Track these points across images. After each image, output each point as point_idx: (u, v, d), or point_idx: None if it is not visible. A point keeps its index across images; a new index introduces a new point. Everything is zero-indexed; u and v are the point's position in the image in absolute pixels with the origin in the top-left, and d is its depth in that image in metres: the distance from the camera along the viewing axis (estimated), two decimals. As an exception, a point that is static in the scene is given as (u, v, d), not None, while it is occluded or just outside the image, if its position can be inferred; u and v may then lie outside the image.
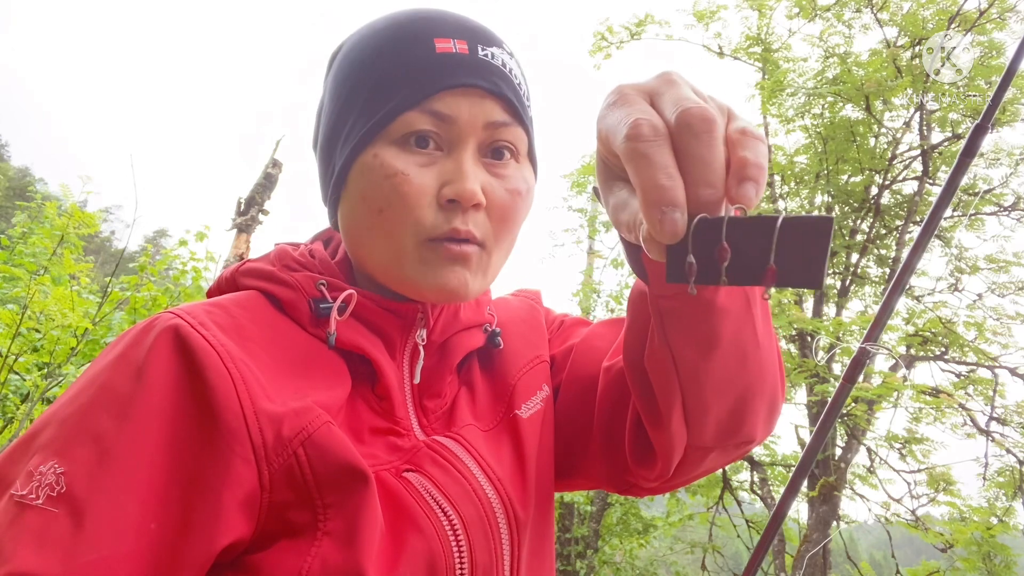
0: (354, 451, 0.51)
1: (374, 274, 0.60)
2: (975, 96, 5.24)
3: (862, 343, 0.66)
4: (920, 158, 5.86)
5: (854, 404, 4.97)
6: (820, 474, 5.55)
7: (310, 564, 0.47)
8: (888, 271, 6.32)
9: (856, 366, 0.69)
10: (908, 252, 0.64)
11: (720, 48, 6.56)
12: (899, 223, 6.16)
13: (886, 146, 6.12)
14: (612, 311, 7.13)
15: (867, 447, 5.52)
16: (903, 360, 5.51)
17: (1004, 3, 4.89)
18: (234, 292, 0.61)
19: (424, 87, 0.55)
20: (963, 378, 5.31)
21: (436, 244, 0.56)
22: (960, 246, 6.08)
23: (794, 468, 0.70)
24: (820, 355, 5.87)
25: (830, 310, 6.33)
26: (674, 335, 0.51)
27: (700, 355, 0.51)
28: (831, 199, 6.43)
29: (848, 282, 6.29)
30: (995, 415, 4.96)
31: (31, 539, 0.41)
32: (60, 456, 0.44)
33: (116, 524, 0.43)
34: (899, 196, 6.44)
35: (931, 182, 5.78)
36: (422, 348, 0.61)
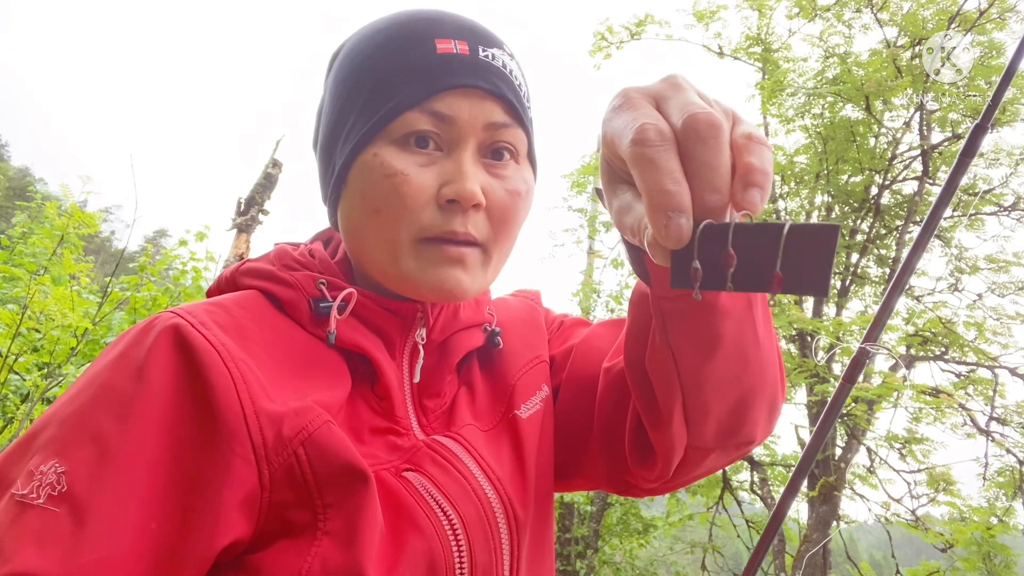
0: (354, 451, 0.51)
1: (372, 273, 0.60)
2: (975, 96, 5.24)
3: (862, 343, 0.66)
4: (920, 158, 5.86)
5: (854, 404, 4.96)
6: (820, 474, 5.55)
7: (310, 564, 0.47)
8: (888, 271, 6.32)
9: (856, 366, 0.69)
10: (908, 252, 0.64)
11: (720, 48, 6.56)
12: (899, 223, 6.16)
13: (886, 146, 6.12)
14: (612, 311, 7.12)
15: (867, 447, 5.52)
16: (903, 360, 5.51)
17: (1004, 3, 4.89)
18: (234, 292, 0.61)
19: (425, 87, 0.55)
20: (963, 378, 5.31)
21: (433, 244, 0.56)
22: (960, 246, 6.09)
23: (794, 468, 0.70)
24: (820, 355, 5.87)
25: (830, 310, 6.34)
26: (676, 336, 0.51)
27: (702, 356, 0.52)
28: (831, 199, 6.43)
29: (848, 282, 6.29)
30: (995, 415, 4.96)
31: (32, 539, 0.41)
32: (61, 456, 0.44)
33: (117, 523, 0.43)
34: (899, 196, 6.44)
35: (931, 182, 5.78)
36: (422, 347, 0.62)
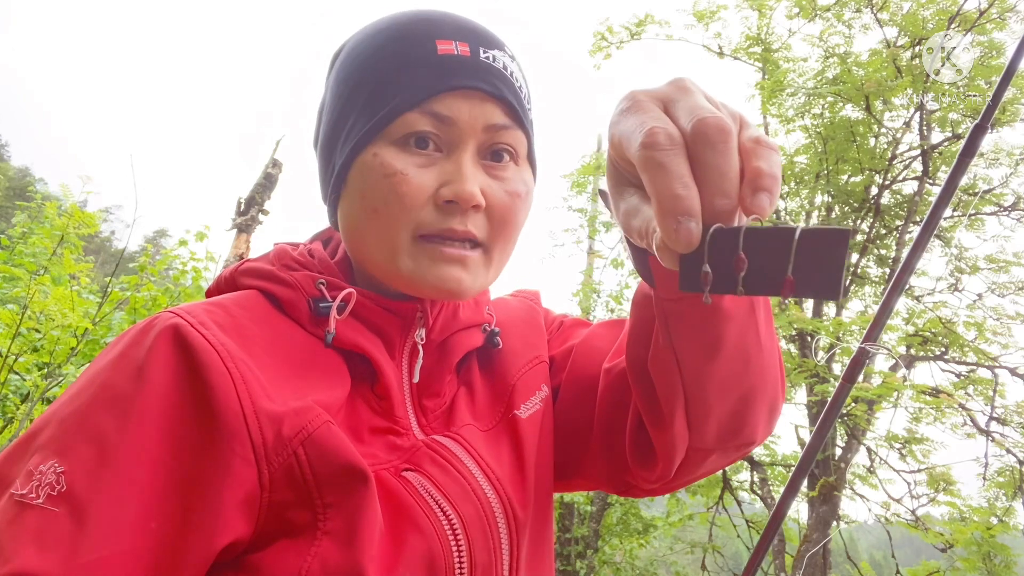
0: (354, 451, 0.51)
1: (372, 271, 0.60)
2: (975, 96, 5.23)
3: (862, 343, 0.66)
4: (920, 158, 5.85)
5: (854, 404, 4.96)
6: (820, 474, 5.55)
7: (310, 564, 0.47)
8: (888, 271, 6.32)
9: (856, 366, 0.69)
10: (908, 252, 0.64)
11: (720, 48, 6.55)
12: (899, 223, 6.15)
13: (886, 146, 6.12)
14: (612, 311, 7.12)
15: (867, 447, 5.52)
16: (903, 360, 5.51)
17: (1004, 3, 4.89)
18: (233, 292, 0.61)
19: (425, 88, 0.55)
20: (963, 378, 5.31)
21: (432, 242, 0.57)
22: (960, 246, 6.08)
23: (794, 468, 0.70)
24: (820, 355, 5.86)
25: (830, 310, 6.33)
26: (679, 338, 0.51)
27: (704, 358, 0.52)
28: (831, 199, 6.43)
29: (848, 282, 6.28)
30: (995, 415, 4.96)
31: (32, 538, 0.41)
32: (60, 455, 0.44)
33: (116, 523, 0.43)
34: (899, 196, 6.43)
35: (931, 182, 5.77)
36: (421, 347, 0.62)
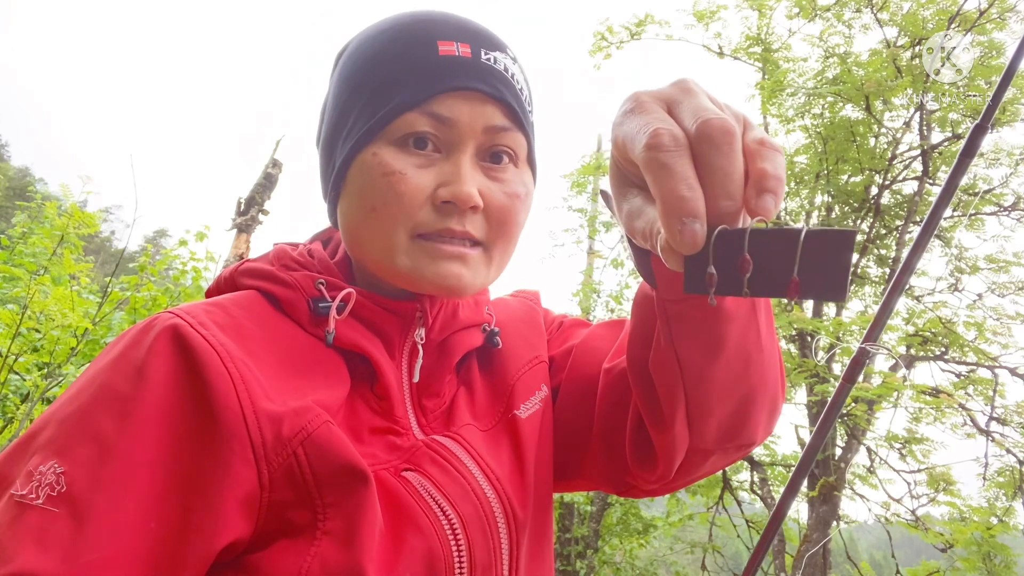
0: (353, 451, 0.51)
1: (370, 268, 0.60)
2: (975, 96, 5.23)
3: (862, 343, 0.66)
4: (920, 158, 5.85)
5: (854, 404, 4.96)
6: (820, 474, 5.55)
7: (310, 564, 0.47)
8: (888, 271, 6.32)
9: (856, 366, 0.69)
10: (908, 252, 0.64)
11: (720, 48, 6.55)
12: (899, 223, 6.15)
13: (886, 146, 6.12)
14: (612, 311, 7.12)
15: (867, 447, 5.51)
16: (903, 360, 5.51)
17: (1004, 3, 4.89)
18: (233, 292, 0.61)
19: (425, 88, 0.56)
20: (963, 378, 5.31)
21: (429, 242, 0.57)
22: (960, 246, 6.08)
23: (794, 468, 0.69)
24: (820, 355, 5.86)
25: (830, 310, 6.33)
26: (680, 339, 0.51)
27: (706, 358, 0.52)
28: (831, 199, 6.42)
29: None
30: (995, 415, 4.95)
31: (32, 539, 0.41)
32: (60, 456, 0.44)
33: (116, 523, 0.43)
34: (899, 196, 6.43)
35: (931, 182, 5.77)
36: (421, 347, 0.62)
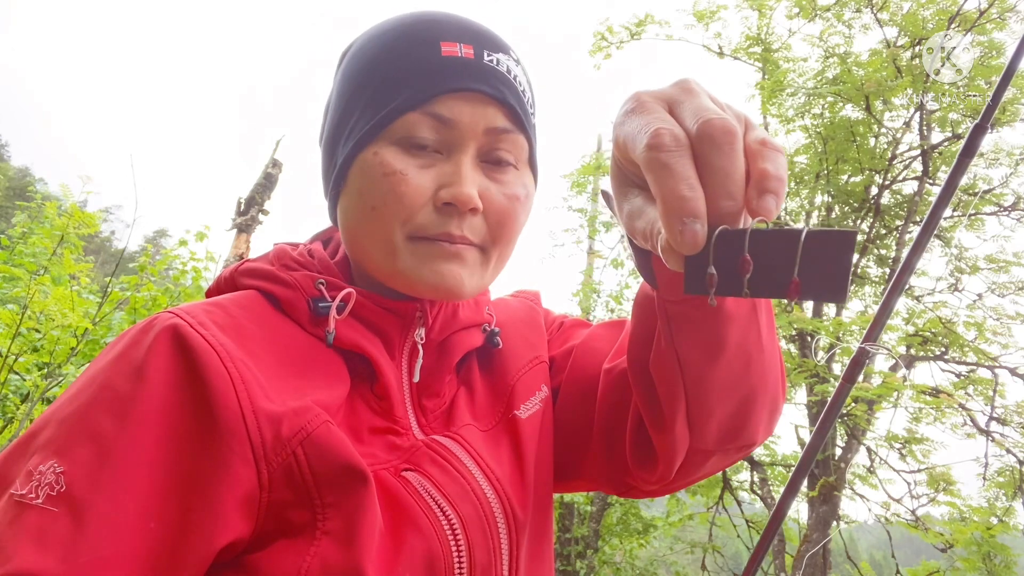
0: (353, 451, 0.51)
1: (369, 269, 0.60)
2: (975, 96, 5.23)
3: (862, 343, 0.66)
4: (920, 158, 5.85)
5: (854, 404, 4.96)
6: (820, 474, 5.55)
7: (309, 563, 0.47)
8: (888, 271, 6.32)
9: (856, 366, 0.69)
10: (908, 252, 0.64)
11: (720, 48, 6.55)
12: (899, 223, 6.15)
13: (886, 146, 6.12)
14: (612, 311, 7.12)
15: (867, 447, 5.51)
16: (903, 360, 5.51)
17: (1004, 3, 4.89)
18: (233, 292, 0.61)
19: (427, 89, 0.56)
20: (963, 378, 5.31)
21: (427, 244, 0.57)
22: (960, 246, 6.08)
23: (794, 468, 0.69)
24: (820, 355, 5.86)
25: (830, 310, 6.33)
26: (681, 339, 0.51)
27: (706, 359, 0.52)
28: (831, 199, 6.42)
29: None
30: (995, 415, 4.95)
31: (31, 538, 0.41)
32: (60, 455, 0.44)
33: (115, 523, 0.43)
34: (899, 196, 6.43)
35: (931, 182, 5.77)
36: (421, 347, 0.62)
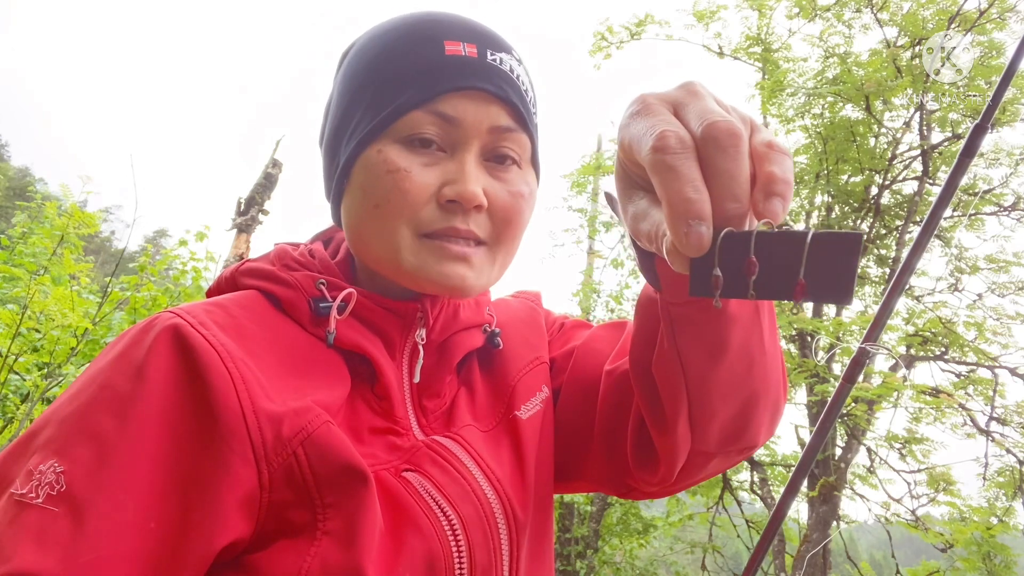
0: (353, 451, 0.51)
1: (374, 267, 0.60)
2: (975, 96, 5.23)
3: (862, 343, 0.66)
4: (920, 158, 5.85)
5: (854, 404, 4.96)
6: (820, 474, 5.55)
7: (310, 564, 0.47)
8: (888, 271, 6.31)
9: (856, 366, 0.69)
10: (908, 252, 0.64)
11: (720, 48, 6.55)
12: (899, 223, 6.15)
13: (886, 146, 6.11)
14: (612, 311, 7.12)
15: (867, 447, 5.51)
16: (903, 360, 5.51)
17: (1004, 3, 4.89)
18: (234, 292, 0.61)
19: (431, 87, 0.56)
20: (963, 378, 5.31)
21: (434, 241, 0.57)
22: (960, 246, 6.07)
23: (794, 468, 0.69)
24: (820, 355, 5.86)
25: (830, 310, 6.33)
26: (684, 341, 0.51)
27: (709, 361, 0.52)
28: (831, 199, 6.42)
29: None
30: (995, 415, 4.95)
31: (31, 538, 0.41)
32: (60, 455, 0.44)
33: (116, 523, 0.43)
34: (899, 196, 6.43)
35: (931, 182, 5.77)
36: (422, 348, 0.62)
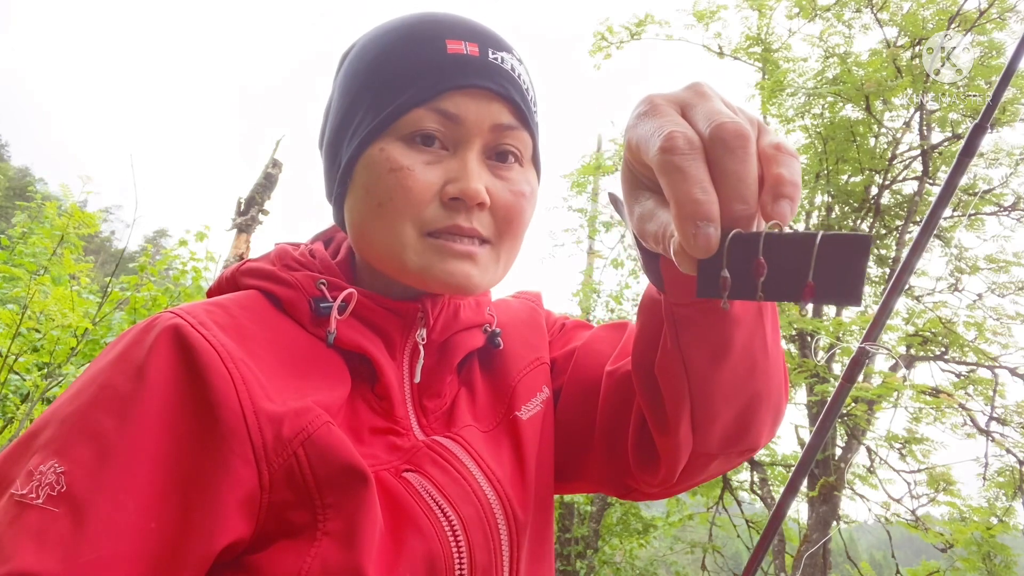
0: (354, 451, 0.51)
1: (378, 266, 0.60)
2: (975, 96, 5.23)
3: (862, 343, 0.66)
4: (920, 158, 5.85)
5: (854, 404, 4.96)
6: (820, 474, 5.55)
7: (310, 564, 0.47)
8: (888, 271, 6.31)
9: (856, 366, 0.69)
10: (908, 252, 0.64)
11: (720, 48, 6.55)
12: (899, 223, 6.15)
13: (886, 146, 6.11)
14: (612, 311, 7.12)
15: (867, 447, 5.51)
16: (903, 360, 5.51)
17: (1004, 3, 4.89)
18: (234, 292, 0.61)
19: (433, 85, 0.56)
20: (963, 378, 5.31)
21: (438, 240, 0.57)
22: (960, 246, 6.07)
23: (794, 468, 0.69)
24: (820, 355, 5.86)
25: (830, 310, 6.33)
26: (688, 342, 0.51)
27: (712, 363, 0.52)
28: (831, 199, 6.42)
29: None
30: (995, 415, 4.95)
31: (31, 538, 0.41)
32: (60, 455, 0.44)
33: (116, 523, 0.43)
34: (899, 196, 6.43)
35: (931, 182, 5.77)
36: (422, 347, 0.62)
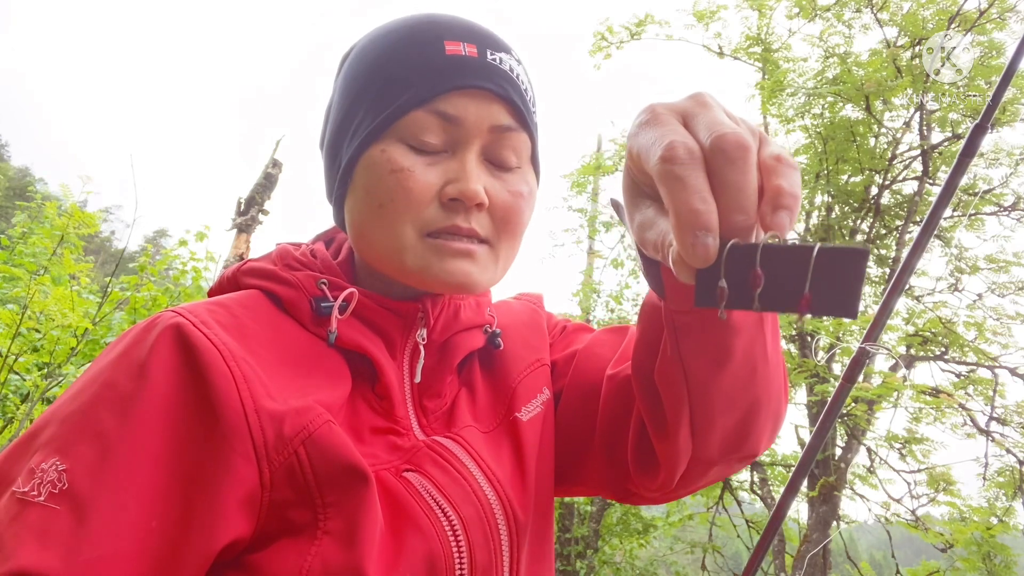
0: (354, 451, 0.51)
1: (378, 267, 0.60)
2: (975, 96, 5.23)
3: (862, 343, 0.66)
4: (920, 158, 5.85)
5: (854, 404, 4.96)
6: (820, 474, 5.55)
7: (310, 563, 0.47)
8: (888, 271, 6.31)
9: (856, 366, 0.69)
10: (908, 252, 0.64)
11: (720, 48, 6.55)
12: (899, 223, 6.15)
13: (886, 146, 6.11)
14: (612, 311, 7.12)
15: (867, 447, 5.51)
16: (903, 360, 5.51)
17: (1004, 3, 4.89)
18: (236, 291, 0.61)
19: (432, 86, 0.56)
20: (963, 378, 5.31)
21: (438, 240, 0.57)
22: (960, 246, 6.07)
23: (794, 468, 0.70)
24: (820, 355, 5.86)
25: (830, 310, 6.32)
26: (687, 349, 0.51)
27: (712, 369, 0.52)
28: (831, 199, 6.42)
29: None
30: (995, 415, 4.95)
31: (33, 536, 0.41)
32: (62, 453, 0.44)
33: (117, 521, 0.43)
34: (899, 196, 6.43)
35: (931, 182, 5.77)
36: (422, 348, 0.62)
